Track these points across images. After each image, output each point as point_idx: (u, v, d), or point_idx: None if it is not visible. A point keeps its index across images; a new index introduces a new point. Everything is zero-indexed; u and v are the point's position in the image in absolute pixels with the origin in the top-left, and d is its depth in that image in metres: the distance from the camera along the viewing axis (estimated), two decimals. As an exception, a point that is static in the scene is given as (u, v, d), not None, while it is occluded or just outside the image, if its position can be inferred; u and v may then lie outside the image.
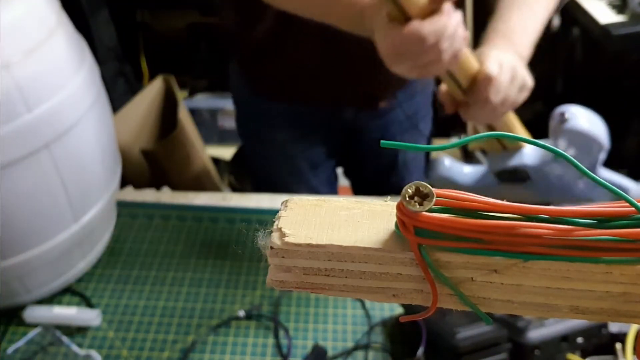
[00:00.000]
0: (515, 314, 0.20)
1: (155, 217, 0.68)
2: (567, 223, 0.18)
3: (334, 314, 0.57)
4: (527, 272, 0.19)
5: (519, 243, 0.18)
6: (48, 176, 0.46)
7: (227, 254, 0.64)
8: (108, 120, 0.56)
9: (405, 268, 0.19)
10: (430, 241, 0.19)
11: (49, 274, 0.54)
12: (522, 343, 0.45)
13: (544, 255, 0.19)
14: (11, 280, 0.51)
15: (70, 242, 0.52)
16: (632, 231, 0.18)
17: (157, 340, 0.54)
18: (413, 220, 0.18)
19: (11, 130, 0.42)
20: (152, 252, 0.63)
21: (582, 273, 0.19)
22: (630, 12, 1.06)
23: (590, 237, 0.18)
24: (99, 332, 0.55)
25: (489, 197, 0.19)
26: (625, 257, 0.18)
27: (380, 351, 0.53)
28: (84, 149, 0.50)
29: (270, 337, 0.54)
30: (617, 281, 0.19)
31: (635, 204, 0.18)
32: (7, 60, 0.41)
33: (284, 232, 0.20)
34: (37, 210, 0.47)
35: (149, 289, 0.59)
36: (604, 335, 0.48)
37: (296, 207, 0.20)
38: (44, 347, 0.53)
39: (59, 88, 0.45)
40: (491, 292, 0.19)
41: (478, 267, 0.19)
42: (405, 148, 0.19)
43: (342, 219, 0.20)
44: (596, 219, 0.19)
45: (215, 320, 0.56)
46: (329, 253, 0.19)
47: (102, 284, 0.60)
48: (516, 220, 0.18)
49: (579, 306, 0.20)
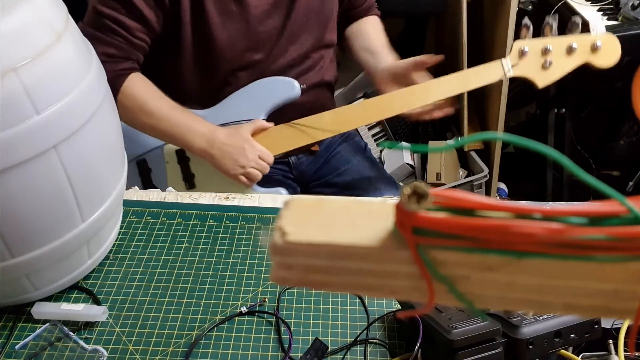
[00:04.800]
0: (510, 310, 0.21)
1: (161, 216, 0.69)
2: (559, 222, 0.19)
3: (334, 309, 0.57)
4: (521, 269, 0.19)
5: (513, 242, 0.19)
6: (56, 177, 0.47)
7: (230, 252, 0.64)
8: (115, 122, 0.56)
9: (403, 266, 0.20)
10: (428, 240, 0.19)
11: (57, 271, 0.55)
12: (516, 338, 0.45)
13: (538, 254, 0.19)
14: (20, 278, 0.52)
15: (78, 241, 0.53)
16: (624, 230, 0.18)
17: (162, 335, 0.55)
18: (411, 219, 0.19)
19: (20, 131, 0.43)
20: (157, 250, 0.64)
21: (575, 271, 0.19)
22: (622, 15, 1.06)
23: (583, 236, 0.19)
24: (105, 328, 0.55)
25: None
26: (617, 256, 0.19)
27: (378, 346, 0.54)
28: (91, 150, 0.50)
29: (272, 332, 0.55)
30: (609, 279, 0.19)
31: (627, 204, 0.19)
32: (15, 64, 0.42)
33: (286, 231, 0.20)
34: (45, 210, 0.48)
35: (154, 286, 0.60)
36: (597, 331, 0.48)
37: (297, 207, 0.21)
38: (51, 342, 0.54)
39: (66, 91, 0.46)
40: (486, 289, 0.20)
41: (473, 265, 0.19)
42: (406, 149, 0.20)
43: (341, 218, 0.20)
44: (588, 218, 0.19)
45: (218, 315, 0.57)
46: (329, 251, 0.20)
47: (108, 281, 0.61)
48: (510, 219, 0.19)
49: (572, 303, 0.20)
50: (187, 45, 0.81)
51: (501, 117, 1.28)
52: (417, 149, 1.37)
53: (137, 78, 0.79)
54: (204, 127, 0.80)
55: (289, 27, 0.84)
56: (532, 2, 1.28)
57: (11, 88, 0.42)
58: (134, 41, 0.77)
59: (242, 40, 0.82)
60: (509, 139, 0.19)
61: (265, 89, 0.86)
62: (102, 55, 0.75)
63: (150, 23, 0.78)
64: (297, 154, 0.96)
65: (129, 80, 0.77)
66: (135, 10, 0.76)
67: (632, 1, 1.08)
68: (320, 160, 0.99)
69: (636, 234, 0.18)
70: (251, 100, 0.86)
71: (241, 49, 0.82)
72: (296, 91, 0.85)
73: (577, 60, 0.81)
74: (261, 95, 0.86)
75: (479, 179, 1.29)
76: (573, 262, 0.19)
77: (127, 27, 0.76)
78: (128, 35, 0.77)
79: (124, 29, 0.76)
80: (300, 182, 0.99)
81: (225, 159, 0.80)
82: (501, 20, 1.23)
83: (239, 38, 0.81)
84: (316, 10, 0.86)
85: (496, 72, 0.82)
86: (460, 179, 1.31)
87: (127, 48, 0.77)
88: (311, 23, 0.87)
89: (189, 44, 0.81)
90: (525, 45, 0.81)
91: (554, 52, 0.80)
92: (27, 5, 0.43)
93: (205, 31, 0.80)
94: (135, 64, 0.79)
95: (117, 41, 0.76)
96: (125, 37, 0.77)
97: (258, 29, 0.82)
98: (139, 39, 0.78)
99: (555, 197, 1.35)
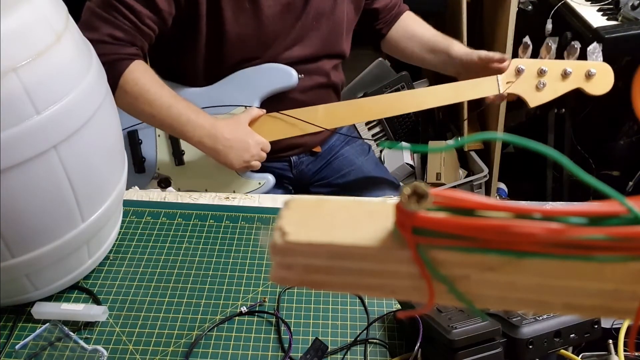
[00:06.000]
0: (510, 309, 0.21)
1: (161, 216, 0.69)
2: (559, 222, 0.19)
3: (334, 309, 0.57)
4: (521, 269, 0.19)
5: (513, 242, 0.19)
6: (56, 177, 0.47)
7: (230, 252, 0.64)
8: (115, 122, 0.56)
9: (403, 266, 0.20)
10: (428, 240, 0.19)
11: (57, 271, 0.55)
12: (516, 338, 0.45)
13: (538, 254, 0.19)
14: (20, 278, 0.52)
15: (78, 241, 0.53)
16: (623, 230, 0.18)
17: (162, 335, 0.55)
18: (411, 219, 0.19)
19: (20, 131, 0.43)
20: (157, 250, 0.64)
21: (575, 271, 0.19)
22: (622, 15, 1.07)
23: (583, 236, 0.19)
24: (105, 328, 0.56)
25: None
26: (617, 256, 0.19)
27: (378, 346, 0.54)
28: (91, 150, 0.50)
29: (272, 332, 0.55)
30: (609, 279, 0.19)
31: (627, 204, 0.19)
32: (15, 64, 0.42)
33: (286, 231, 0.20)
34: (45, 210, 0.48)
35: (154, 286, 0.60)
36: (597, 331, 0.48)
37: (297, 207, 0.21)
38: (52, 342, 0.54)
39: (67, 91, 0.46)
40: (486, 289, 0.20)
41: (473, 265, 0.19)
42: (406, 149, 0.20)
43: (341, 218, 0.20)
44: (588, 218, 0.19)
45: (218, 315, 0.57)
46: (329, 251, 0.20)
47: (108, 281, 0.61)
48: (510, 219, 0.19)
49: (572, 303, 0.20)
50: (201, 38, 0.81)
51: (501, 117, 1.28)
52: (417, 149, 1.38)
53: (140, 65, 0.78)
54: (204, 119, 0.80)
55: (298, 27, 0.85)
56: (532, 2, 1.28)
57: (11, 88, 0.42)
58: (142, 27, 0.76)
59: (251, 37, 0.83)
60: (508, 139, 0.19)
61: (263, 75, 0.86)
62: (108, 36, 0.74)
63: (162, 13, 0.77)
64: (299, 153, 0.96)
65: (132, 66, 0.76)
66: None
67: (632, 1, 1.08)
68: (322, 162, 0.99)
69: (636, 234, 0.18)
70: (248, 84, 0.86)
71: (250, 44, 0.84)
72: (293, 80, 0.86)
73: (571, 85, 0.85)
74: (258, 80, 0.86)
75: (478, 179, 1.29)
76: (573, 262, 0.19)
77: (137, 12, 0.75)
78: (136, 20, 0.76)
79: (133, 13, 0.75)
80: (299, 181, 0.99)
81: (230, 155, 0.80)
82: (501, 20, 1.23)
83: (249, 34, 0.82)
84: (327, 14, 0.87)
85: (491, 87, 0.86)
86: (460, 179, 1.31)
87: (133, 33, 0.76)
88: (321, 27, 0.87)
89: (203, 36, 0.81)
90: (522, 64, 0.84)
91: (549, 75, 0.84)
92: (27, 5, 0.43)
93: (219, 25, 0.80)
94: (139, 50, 0.78)
95: (125, 25, 0.75)
96: (134, 22, 0.76)
97: (268, 27, 0.83)
98: (147, 26, 0.77)
99: (555, 197, 1.35)
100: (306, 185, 1.00)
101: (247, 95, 0.86)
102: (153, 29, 0.78)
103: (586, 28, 1.10)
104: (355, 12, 0.93)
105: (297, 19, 0.85)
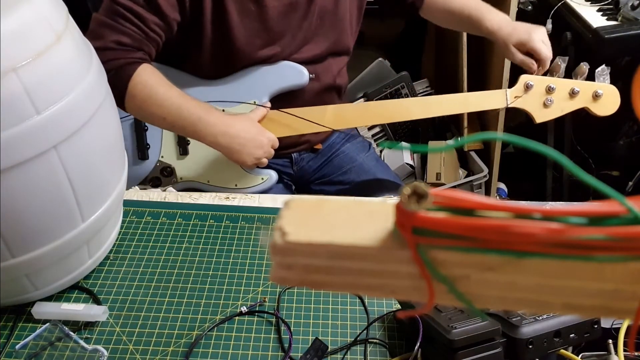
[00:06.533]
0: (510, 309, 0.21)
1: (161, 216, 0.69)
2: (559, 222, 0.19)
3: (334, 309, 0.57)
4: (521, 269, 0.19)
5: (513, 242, 0.19)
6: (57, 177, 0.47)
7: (230, 252, 0.64)
8: (115, 122, 0.56)
9: (403, 266, 0.20)
10: (428, 240, 0.19)
11: (57, 271, 0.55)
12: (516, 338, 0.45)
13: (538, 254, 0.19)
14: (20, 278, 0.52)
15: (78, 241, 0.53)
16: (623, 230, 0.18)
17: (162, 335, 0.55)
18: (411, 219, 0.19)
19: (20, 131, 0.43)
20: (157, 250, 0.64)
21: (575, 271, 0.19)
22: (622, 15, 1.07)
23: (583, 236, 0.19)
24: (105, 328, 0.56)
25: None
26: (616, 255, 0.19)
27: (378, 346, 0.54)
28: (91, 150, 0.50)
29: (272, 332, 0.55)
30: (609, 279, 0.19)
31: (627, 204, 0.19)
32: (15, 64, 0.42)
33: (286, 231, 0.20)
34: (46, 210, 0.48)
35: (154, 286, 0.60)
36: (596, 331, 0.48)
37: (297, 207, 0.21)
38: (52, 342, 0.54)
39: (67, 91, 0.46)
40: (486, 289, 0.20)
41: (473, 265, 0.19)
42: (406, 149, 0.20)
43: (341, 218, 0.20)
44: (588, 218, 0.19)
45: (218, 315, 0.57)
46: (329, 251, 0.20)
47: (108, 281, 0.61)
48: (510, 219, 0.19)
49: (572, 303, 0.20)
50: (207, 42, 0.82)
51: (501, 117, 1.28)
52: (417, 149, 1.38)
53: (147, 67, 0.77)
54: (216, 117, 0.80)
55: (305, 27, 0.85)
56: (531, 2, 1.28)
57: (11, 88, 0.42)
58: (149, 33, 0.77)
59: (258, 38, 0.83)
60: (508, 139, 0.19)
61: (274, 72, 0.86)
62: (115, 43, 0.74)
63: (168, 19, 0.77)
64: (300, 150, 0.96)
65: (139, 69, 0.76)
66: (153, 3, 0.75)
67: (632, 1, 1.08)
68: (322, 159, 0.99)
69: (636, 234, 0.18)
70: (258, 80, 0.86)
71: (258, 45, 0.84)
72: (305, 78, 0.86)
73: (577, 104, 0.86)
74: (269, 77, 0.86)
75: (478, 179, 1.29)
76: (573, 262, 0.19)
77: (143, 18, 0.76)
78: (143, 26, 0.76)
79: (139, 19, 0.75)
80: (300, 178, 0.99)
81: (243, 153, 0.80)
82: (501, 20, 1.23)
83: (255, 36, 0.83)
84: (330, 12, 0.87)
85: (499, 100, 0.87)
86: (460, 179, 1.31)
87: (140, 38, 0.76)
88: (326, 25, 0.87)
89: (209, 41, 0.82)
90: (531, 80, 0.85)
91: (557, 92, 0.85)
92: (27, 5, 0.43)
93: (225, 29, 0.80)
94: (147, 55, 0.78)
95: (131, 30, 0.76)
96: (140, 27, 0.76)
97: (274, 28, 0.83)
98: (154, 32, 0.77)
99: (555, 197, 1.35)
100: (307, 182, 1.00)
101: (257, 91, 0.86)
102: (160, 34, 0.78)
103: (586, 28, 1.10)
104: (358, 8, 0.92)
105: (304, 19, 0.85)
